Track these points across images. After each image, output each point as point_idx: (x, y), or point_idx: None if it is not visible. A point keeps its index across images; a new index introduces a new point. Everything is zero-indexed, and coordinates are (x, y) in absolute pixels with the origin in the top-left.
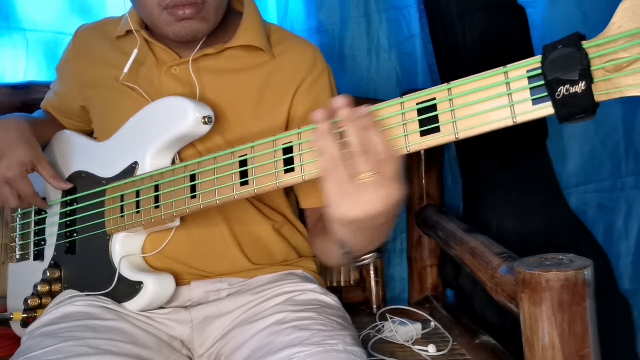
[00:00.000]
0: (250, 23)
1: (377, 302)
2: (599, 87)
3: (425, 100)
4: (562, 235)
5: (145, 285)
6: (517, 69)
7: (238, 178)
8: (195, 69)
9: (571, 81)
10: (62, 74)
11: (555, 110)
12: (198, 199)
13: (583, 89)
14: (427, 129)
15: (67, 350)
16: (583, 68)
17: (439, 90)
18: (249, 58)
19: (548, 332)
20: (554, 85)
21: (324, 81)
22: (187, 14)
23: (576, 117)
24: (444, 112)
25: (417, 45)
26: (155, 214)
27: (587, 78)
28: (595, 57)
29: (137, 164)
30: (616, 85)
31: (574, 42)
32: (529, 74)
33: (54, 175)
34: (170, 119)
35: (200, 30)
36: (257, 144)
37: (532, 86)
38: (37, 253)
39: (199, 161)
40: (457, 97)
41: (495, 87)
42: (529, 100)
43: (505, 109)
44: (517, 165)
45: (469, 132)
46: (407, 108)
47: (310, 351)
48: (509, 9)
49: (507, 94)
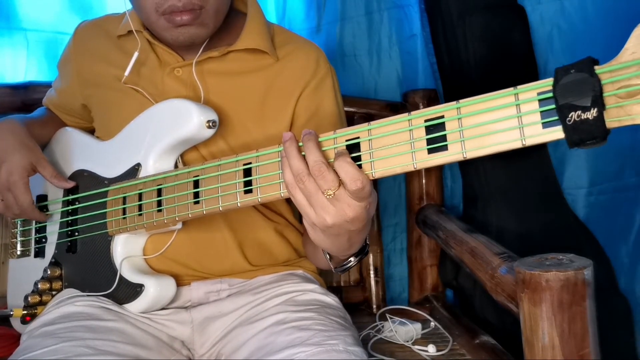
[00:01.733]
0: (254, 25)
1: (377, 302)
2: (610, 114)
3: (434, 118)
4: (562, 235)
5: (146, 288)
6: (527, 91)
7: (242, 186)
8: (199, 72)
9: (583, 107)
10: (63, 71)
11: (565, 135)
12: (201, 205)
13: (595, 116)
14: (435, 147)
15: (66, 351)
16: (595, 95)
17: (448, 109)
18: (253, 61)
19: (548, 332)
20: (565, 110)
21: (328, 84)
22: (185, 20)
23: (587, 142)
24: (453, 131)
25: (418, 44)
26: (158, 218)
27: (600, 105)
28: (608, 83)
29: (140, 165)
30: (628, 113)
31: (587, 68)
32: (540, 97)
33: (56, 175)
34: (174, 121)
35: (199, 35)
36: (262, 154)
37: (543, 110)
38: (38, 250)
39: (202, 167)
40: (466, 116)
41: (505, 109)
42: (539, 124)
43: (515, 130)
44: (517, 165)
45: (477, 152)
46: (415, 125)
47: (310, 351)
48: (509, 9)
49: (517, 117)
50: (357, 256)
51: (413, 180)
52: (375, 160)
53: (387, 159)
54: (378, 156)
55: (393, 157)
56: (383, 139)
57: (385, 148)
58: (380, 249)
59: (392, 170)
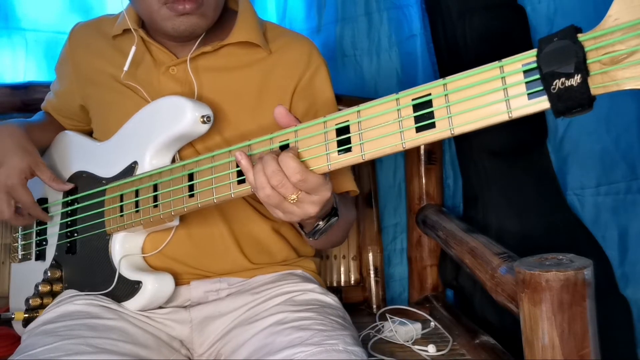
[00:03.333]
0: (245, 20)
1: (377, 302)
2: (595, 81)
3: (421, 97)
4: (562, 235)
5: (144, 284)
6: (512, 63)
7: (235, 177)
8: (194, 68)
9: (567, 74)
10: (61, 73)
11: (551, 104)
12: (196, 198)
13: (579, 82)
14: (423, 125)
15: (66, 349)
16: (578, 61)
17: (435, 85)
18: (247, 55)
19: (548, 332)
20: (549, 78)
21: (322, 75)
22: (188, 9)
23: (572, 110)
24: (440, 108)
25: (418, 44)
26: (154, 214)
27: (583, 71)
28: (592, 49)
29: (137, 163)
30: (613, 78)
31: (570, 35)
32: (525, 68)
33: (54, 178)
34: (169, 118)
35: (199, 26)
36: (254, 142)
37: (528, 80)
38: (39, 253)
39: (196, 160)
40: (452, 92)
41: (490, 82)
42: (525, 95)
43: (501, 103)
44: (517, 165)
45: (465, 127)
46: (402, 104)
47: (310, 351)
48: (509, 9)
49: (502, 89)
50: (324, 218)
51: (413, 180)
52: (365, 142)
53: (376, 140)
54: (367, 138)
55: (382, 138)
56: (372, 120)
57: (374, 128)
58: (380, 249)
59: (382, 151)
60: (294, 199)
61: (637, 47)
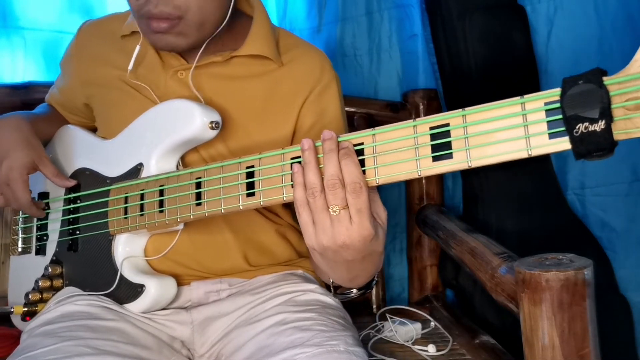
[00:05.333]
0: (259, 30)
1: (377, 302)
2: (618, 126)
3: (439, 126)
4: (562, 235)
5: (147, 288)
6: (534, 100)
7: (245, 189)
8: (202, 75)
9: (591, 119)
10: (66, 70)
11: (572, 146)
12: (203, 206)
13: (603, 128)
14: (440, 154)
15: (66, 350)
16: (604, 106)
17: (454, 116)
18: (257, 66)
19: (548, 332)
20: (572, 121)
21: (332, 91)
22: (161, 28)
23: (593, 154)
24: (458, 139)
25: (418, 44)
26: (160, 219)
27: (608, 117)
28: (616, 94)
29: (142, 165)
30: (636, 125)
31: (595, 79)
32: (547, 107)
33: (57, 174)
34: (177, 122)
35: (178, 45)
36: (264, 156)
37: (550, 120)
38: (39, 248)
39: (205, 169)
40: (471, 125)
41: (511, 118)
42: (546, 134)
43: (521, 140)
44: (517, 165)
45: (482, 161)
46: (420, 132)
47: (311, 352)
48: (509, 9)
49: (523, 126)
50: (360, 289)
51: (413, 181)
52: (380, 167)
53: (391, 165)
54: (382, 162)
55: (397, 164)
56: (387, 145)
57: (389, 153)
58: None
59: (396, 177)
60: (336, 212)
61: None
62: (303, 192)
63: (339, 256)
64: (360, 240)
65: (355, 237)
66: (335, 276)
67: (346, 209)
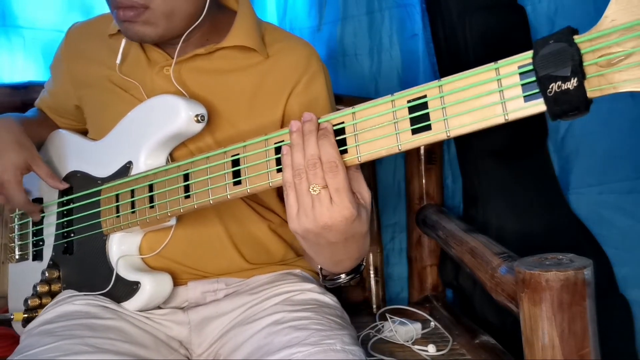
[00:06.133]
0: (243, 23)
1: (377, 302)
2: (592, 83)
3: (417, 98)
4: (562, 235)
5: (142, 285)
6: (508, 65)
7: (231, 178)
8: (187, 69)
9: (563, 77)
10: (56, 73)
11: (547, 107)
12: (192, 199)
13: (575, 86)
14: (418, 127)
15: (65, 349)
16: (575, 64)
17: (430, 87)
18: (242, 59)
19: (548, 332)
20: (545, 82)
21: (320, 82)
22: (127, 17)
23: (569, 114)
24: (435, 109)
25: (419, 44)
26: (150, 214)
27: (580, 74)
28: (588, 52)
29: (132, 163)
30: (610, 81)
31: (566, 37)
32: (521, 70)
33: (51, 174)
34: (163, 117)
35: (146, 34)
36: (249, 143)
37: (524, 82)
38: (36, 253)
39: (192, 161)
40: (448, 94)
41: (486, 84)
42: (521, 97)
43: (497, 106)
44: (517, 165)
45: (461, 130)
46: (398, 106)
47: (308, 351)
48: (509, 9)
49: (498, 91)
50: (349, 275)
51: (413, 180)
52: (361, 144)
53: (372, 141)
54: (363, 139)
55: (378, 140)
56: (367, 122)
57: (369, 129)
58: (381, 248)
59: (378, 154)
60: (316, 191)
61: (634, 49)
62: (291, 173)
63: (322, 238)
64: (342, 221)
65: (336, 217)
66: (320, 260)
67: (326, 188)
